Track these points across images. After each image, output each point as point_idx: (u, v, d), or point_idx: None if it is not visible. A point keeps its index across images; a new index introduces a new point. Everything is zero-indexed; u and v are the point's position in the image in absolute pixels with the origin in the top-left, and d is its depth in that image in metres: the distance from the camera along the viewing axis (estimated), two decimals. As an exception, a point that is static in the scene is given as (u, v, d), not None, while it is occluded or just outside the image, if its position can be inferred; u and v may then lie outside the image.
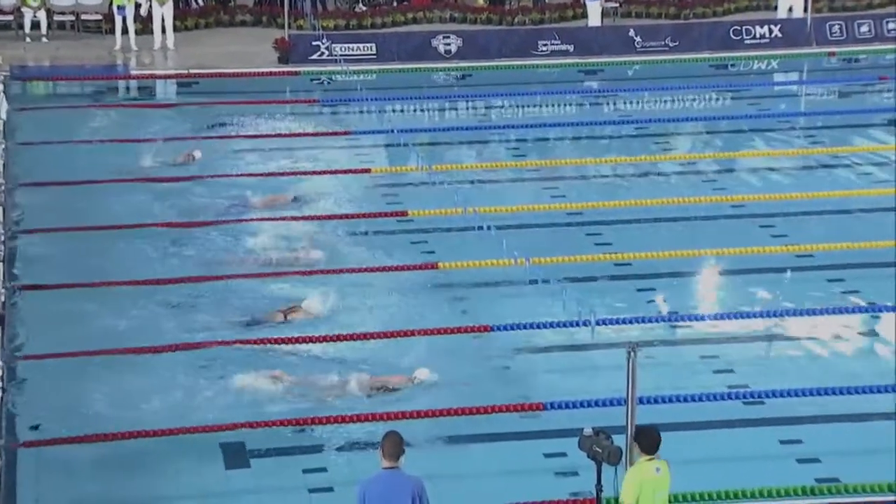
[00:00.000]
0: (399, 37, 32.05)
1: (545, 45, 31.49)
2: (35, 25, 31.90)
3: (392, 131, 25.27)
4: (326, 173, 23.21)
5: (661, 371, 15.51)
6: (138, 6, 31.43)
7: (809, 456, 14.37)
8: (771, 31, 32.18)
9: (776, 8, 33.27)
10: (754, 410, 15.34)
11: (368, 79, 29.84)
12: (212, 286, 18.32)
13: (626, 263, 19.42)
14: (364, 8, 33.81)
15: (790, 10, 32.80)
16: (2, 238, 19.12)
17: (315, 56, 30.71)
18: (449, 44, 31.36)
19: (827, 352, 16.97)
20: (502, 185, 23.20)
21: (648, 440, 11.45)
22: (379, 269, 18.93)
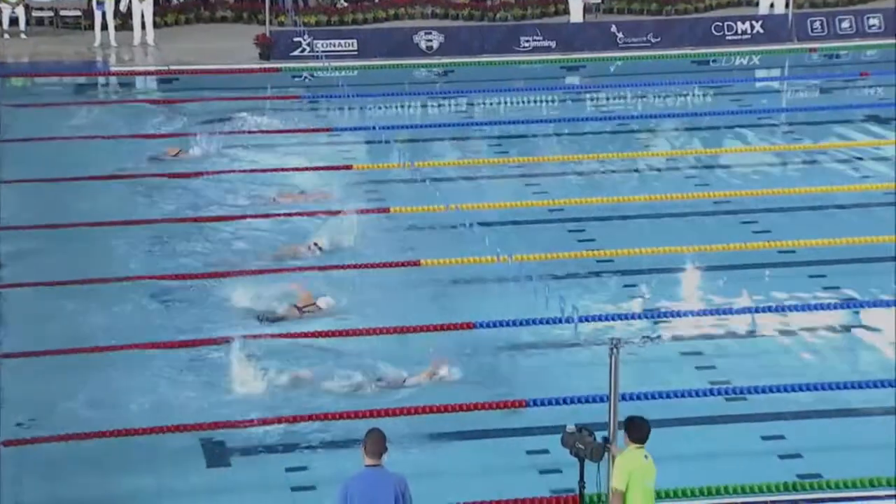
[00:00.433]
0: (381, 33, 31.98)
1: (527, 42, 31.45)
2: (13, 21, 31.72)
3: (374, 128, 25.22)
4: (308, 170, 23.15)
5: (644, 367, 15.50)
6: (118, 2, 31.29)
7: (791, 452, 14.39)
8: (752, 27, 32.18)
9: (757, 4, 33.26)
10: (736, 406, 15.37)
11: (350, 75, 29.78)
12: (194, 283, 18.26)
13: (609, 260, 19.43)
14: (345, 4, 33.71)
15: (772, 6, 32.81)
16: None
17: (296, 52, 30.62)
18: (431, 40, 31.29)
19: (809, 348, 16.99)
20: (484, 182, 23.19)
21: (639, 431, 11.47)
22: (361, 266, 18.90)
